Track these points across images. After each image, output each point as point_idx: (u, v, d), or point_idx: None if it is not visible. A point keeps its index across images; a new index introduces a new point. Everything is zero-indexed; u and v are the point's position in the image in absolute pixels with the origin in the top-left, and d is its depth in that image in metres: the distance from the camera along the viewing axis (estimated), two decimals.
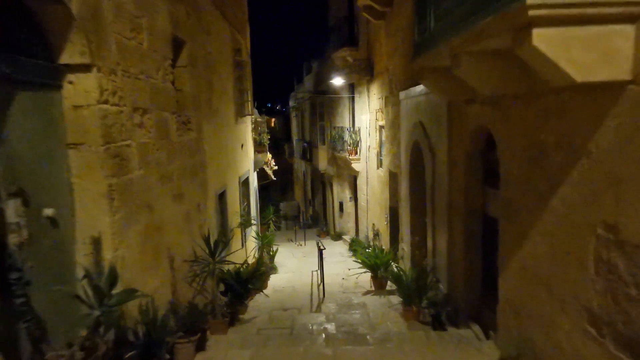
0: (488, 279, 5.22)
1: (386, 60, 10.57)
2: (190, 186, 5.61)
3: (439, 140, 5.96)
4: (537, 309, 3.56)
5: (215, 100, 7.19)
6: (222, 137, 7.66)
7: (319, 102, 19.77)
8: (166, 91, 4.84)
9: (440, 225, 6.11)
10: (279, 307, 7.22)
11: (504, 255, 4.21)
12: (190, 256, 5.45)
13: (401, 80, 8.80)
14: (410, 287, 6.10)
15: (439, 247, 6.18)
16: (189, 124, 5.69)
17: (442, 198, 5.97)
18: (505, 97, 3.93)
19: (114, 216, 3.49)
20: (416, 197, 7.78)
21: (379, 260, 8.48)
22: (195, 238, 5.67)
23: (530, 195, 3.59)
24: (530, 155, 3.58)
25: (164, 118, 4.76)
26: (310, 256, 13.72)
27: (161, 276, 4.46)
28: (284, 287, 9.31)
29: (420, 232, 7.75)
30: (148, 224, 4.16)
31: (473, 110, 4.87)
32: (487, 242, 5.21)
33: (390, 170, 10.37)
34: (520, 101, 3.70)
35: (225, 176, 7.71)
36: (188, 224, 5.46)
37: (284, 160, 29.79)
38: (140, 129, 4.09)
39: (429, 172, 6.52)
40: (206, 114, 6.58)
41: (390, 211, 10.59)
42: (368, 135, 13.35)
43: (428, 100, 6.53)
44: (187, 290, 5.33)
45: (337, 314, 6.61)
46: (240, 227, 8.44)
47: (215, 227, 6.75)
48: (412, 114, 7.57)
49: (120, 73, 3.68)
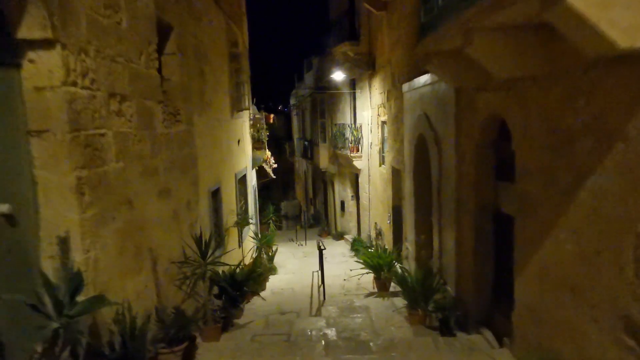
0: (500, 281, 4.82)
1: (388, 53, 10.18)
2: (179, 182, 5.23)
3: (446, 132, 5.56)
4: (561, 316, 3.16)
5: (209, 92, 6.81)
6: (216, 131, 7.28)
7: (319, 99, 19.39)
8: (150, 78, 4.45)
9: (447, 223, 5.71)
10: (277, 310, 6.83)
11: (521, 255, 3.81)
12: (179, 257, 5.07)
13: (404, 73, 8.40)
14: (415, 289, 5.71)
15: (446, 246, 5.78)
16: (178, 115, 5.31)
17: (449, 194, 5.57)
18: (523, 80, 3.53)
19: (85, 213, 3.10)
20: (421, 194, 7.39)
21: (381, 260, 8.10)
22: (185, 238, 5.29)
23: (553, 188, 3.19)
24: (552, 143, 3.18)
25: (148, 107, 4.38)
26: (311, 256, 13.33)
27: (144, 280, 4.07)
28: (283, 289, 8.93)
29: (425, 230, 7.35)
30: (128, 222, 3.78)
31: (484, 97, 4.47)
32: (499, 241, 4.81)
33: (393, 167, 9.97)
34: (540, 83, 3.30)
35: (220, 172, 7.33)
36: (177, 223, 5.08)
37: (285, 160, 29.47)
38: (118, 117, 3.71)
39: (434, 166, 6.12)
40: (198, 106, 6.19)
41: (393, 209, 10.20)
42: (370, 131, 12.97)
43: (433, 90, 6.13)
44: (176, 294, 4.95)
45: (338, 317, 6.22)
46: (236, 227, 8.05)
47: (208, 226, 6.37)
48: (416, 107, 7.17)
49: (93, 53, 3.30)
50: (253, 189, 11.39)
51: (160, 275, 4.45)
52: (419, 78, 6.91)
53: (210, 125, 6.89)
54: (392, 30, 9.47)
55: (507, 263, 4.65)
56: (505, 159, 4.56)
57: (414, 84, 7.22)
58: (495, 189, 4.79)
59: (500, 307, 4.81)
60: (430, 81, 6.28)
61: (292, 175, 31.70)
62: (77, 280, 2.56)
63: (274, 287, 9.29)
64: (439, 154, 5.89)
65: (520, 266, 3.82)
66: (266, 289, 9.07)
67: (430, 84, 6.26)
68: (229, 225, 7.71)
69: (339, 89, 15.88)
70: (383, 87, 10.96)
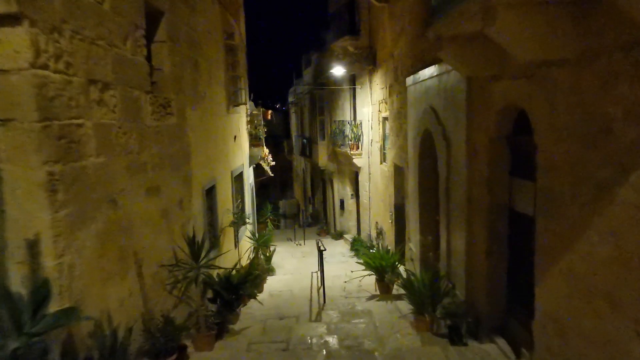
0: (515, 285, 4.48)
1: (390, 46, 9.82)
2: (170, 179, 4.87)
3: (456, 126, 5.22)
4: (594, 328, 2.82)
5: (203, 84, 6.45)
6: (211, 126, 6.92)
7: (318, 96, 19.01)
8: (137, 66, 4.09)
9: (456, 223, 5.37)
10: (275, 314, 6.48)
11: (543, 259, 3.47)
12: (170, 260, 4.72)
13: (407, 66, 8.05)
14: (422, 293, 5.36)
15: (455, 248, 5.44)
16: (169, 107, 4.94)
17: (459, 192, 5.22)
18: (549, 64, 3.18)
19: (58, 213, 2.75)
20: (426, 192, 7.04)
21: (384, 261, 7.75)
22: (177, 239, 4.93)
23: (585, 185, 2.85)
24: (584, 134, 2.84)
25: (135, 97, 4.01)
26: (309, 256, 13.00)
27: (129, 285, 3.71)
28: (282, 291, 8.57)
29: (430, 231, 7.00)
30: (110, 223, 3.42)
31: (500, 87, 4.12)
32: (515, 243, 4.47)
33: (395, 164, 9.63)
34: (571, 67, 2.95)
35: (215, 169, 6.97)
36: (167, 223, 4.72)
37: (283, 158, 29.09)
38: (100, 107, 3.35)
39: (442, 163, 5.77)
40: (191, 99, 5.83)
41: (395, 208, 9.86)
42: (370, 128, 12.62)
43: (441, 82, 5.78)
44: (166, 300, 4.59)
45: (340, 323, 5.87)
46: (232, 226, 7.69)
47: (201, 226, 6.01)
48: (421, 100, 6.82)
49: (69, 34, 2.94)
50: (250, 187, 11.02)
51: (147, 280, 4.09)
52: (425, 70, 6.57)
53: (205, 120, 6.52)
54: (395, 21, 9.11)
55: (522, 266, 4.31)
56: (521, 154, 4.22)
57: (419, 77, 6.87)
58: (510, 187, 4.44)
59: (515, 314, 4.47)
60: (437, 72, 5.94)
61: (290, 173, 31.33)
62: (43, 291, 2.20)
63: (272, 288, 8.94)
64: (447, 150, 5.55)
65: (543, 271, 3.47)
66: (264, 291, 8.72)
67: (438, 76, 5.91)
68: (224, 225, 7.35)
69: (339, 85, 15.51)
70: (384, 82, 10.61)
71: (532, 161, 3.88)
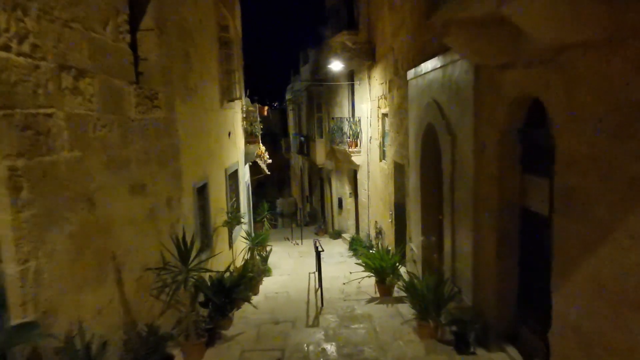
0: (527, 289, 4.19)
1: (390, 39, 9.51)
2: (157, 176, 4.55)
3: (462, 119, 4.91)
4: (622, 341, 2.53)
5: (194, 77, 6.12)
6: (203, 121, 6.60)
7: (316, 93, 18.70)
8: (119, 53, 3.77)
9: (462, 223, 5.07)
10: (270, 319, 6.17)
11: (562, 263, 3.17)
12: (157, 263, 4.40)
13: (408, 59, 7.74)
14: (426, 297, 5.06)
15: (461, 249, 5.14)
16: (156, 100, 4.62)
17: (465, 190, 4.92)
18: (571, 48, 2.88)
19: (21, 213, 2.43)
20: (429, 190, 6.74)
21: (384, 262, 7.45)
22: (164, 240, 4.62)
23: (614, 181, 2.55)
24: (613, 125, 2.54)
25: (116, 87, 3.69)
26: (307, 256, 12.70)
27: (109, 292, 3.40)
28: (278, 293, 8.26)
29: (433, 231, 6.72)
30: (87, 224, 3.11)
31: (512, 76, 3.82)
32: (527, 244, 4.17)
33: (395, 161, 9.33)
34: (597, 50, 2.65)
35: (207, 167, 6.65)
36: (154, 223, 4.40)
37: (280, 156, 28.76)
38: (74, 96, 3.03)
39: (446, 159, 5.47)
40: (181, 92, 5.51)
41: (395, 207, 9.57)
42: (369, 125, 12.32)
43: (445, 74, 5.48)
44: (153, 306, 4.28)
45: (338, 328, 5.57)
46: (226, 226, 7.38)
47: (192, 227, 5.69)
48: (423, 94, 6.52)
49: (35, 13, 2.62)
50: (246, 185, 10.71)
51: (131, 285, 3.78)
52: (427, 62, 6.26)
53: (196, 114, 6.20)
54: (395, 13, 8.80)
55: (535, 269, 4.02)
56: (534, 148, 3.93)
57: (421, 70, 6.56)
58: (521, 184, 4.15)
59: (527, 321, 4.18)
60: (441, 64, 5.63)
61: (287, 172, 31.03)
62: None
63: (268, 290, 8.64)
64: (452, 145, 5.25)
65: (562, 276, 3.18)
66: (259, 293, 8.41)
67: (442, 67, 5.60)
68: (217, 225, 7.04)
69: (337, 81, 15.21)
70: (384, 77, 10.30)
71: (547, 156, 3.60)
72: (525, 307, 4.23)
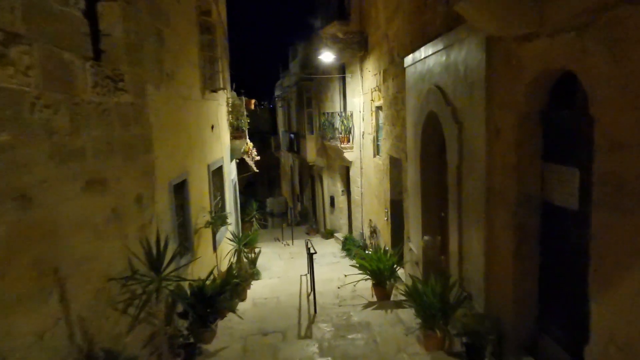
0: (549, 293, 3.66)
1: (384, 26, 8.96)
2: (123, 170, 3.93)
3: (471, 104, 4.36)
4: None
5: (169, 61, 5.49)
6: (182, 111, 5.97)
7: (306, 88, 18.10)
8: (69, 21, 3.14)
9: (471, 220, 4.52)
10: (258, 329, 5.58)
11: (606, 266, 2.63)
12: (123, 272, 3.78)
13: (406, 44, 7.20)
14: (432, 304, 4.52)
15: (471, 249, 4.59)
16: (121, 82, 4.00)
17: (475, 183, 4.37)
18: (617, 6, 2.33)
19: None
20: (430, 185, 6.20)
21: (382, 264, 6.91)
22: (133, 245, 4.00)
23: None
24: None
25: (65, 61, 3.07)
26: (298, 257, 12.12)
27: (54, 311, 2.78)
28: (267, 299, 7.67)
29: (435, 229, 6.17)
30: (20, 227, 2.49)
31: (535, 48, 3.27)
32: (548, 242, 3.64)
33: (391, 156, 8.78)
34: None
35: (187, 161, 6.02)
36: (118, 225, 3.78)
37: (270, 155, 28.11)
38: (1, 67, 2.40)
39: (452, 149, 4.92)
40: (154, 76, 4.88)
41: (391, 205, 9.02)
42: (362, 120, 11.76)
43: (450, 55, 4.93)
44: (118, 321, 3.66)
45: (334, 340, 5.00)
46: (209, 227, 6.76)
47: (169, 228, 5.07)
48: (423, 80, 5.96)
49: None
50: (232, 183, 10.08)
51: (86, 299, 3.16)
52: (427, 46, 5.71)
53: (174, 103, 5.57)
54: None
55: (559, 270, 3.49)
56: (559, 133, 3.39)
57: (421, 54, 6.01)
58: (542, 175, 3.61)
59: (549, 329, 3.65)
60: (444, 45, 5.08)
61: (278, 171, 30.38)
62: None
63: (257, 295, 8.04)
64: (459, 134, 4.70)
65: (604, 283, 2.63)
66: (247, 299, 7.81)
67: (445, 49, 5.05)
68: (199, 226, 6.42)
69: (328, 75, 14.63)
70: (378, 68, 9.75)
71: (577, 141, 3.07)
72: (547, 313, 3.69)
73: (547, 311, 3.71)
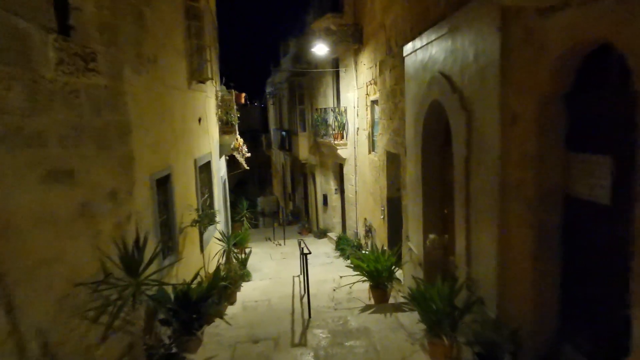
0: (573, 297, 3.29)
1: (381, 15, 8.58)
2: (95, 160, 3.48)
3: (482, 88, 3.98)
4: None
5: (151, 45, 5.04)
6: (166, 100, 5.52)
7: (298, 84, 17.67)
8: None
9: (482, 217, 4.15)
10: (248, 336, 5.15)
11: None
12: (94, 274, 3.34)
13: (405, 32, 6.82)
14: (439, 309, 4.13)
15: (480, 248, 4.21)
16: (93, 62, 3.55)
17: (487, 176, 3.99)
18: None
19: None
20: (432, 180, 5.83)
21: (380, 265, 6.52)
22: (107, 244, 3.55)
23: None
24: None
25: (21, 31, 2.62)
26: (290, 257, 11.71)
27: (5, 323, 2.33)
28: (258, 302, 7.25)
29: (437, 227, 5.80)
30: None
31: (561, 21, 2.89)
32: (572, 241, 3.27)
33: (388, 151, 8.40)
34: None
35: (171, 155, 5.57)
36: (88, 222, 3.33)
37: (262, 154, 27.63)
38: None
39: (459, 141, 4.54)
40: (133, 59, 4.43)
41: (388, 202, 8.64)
42: (356, 115, 11.38)
43: (456, 38, 4.55)
44: (89, 332, 3.22)
45: (330, 348, 4.60)
46: (196, 226, 6.31)
47: (151, 227, 4.63)
48: (425, 68, 5.58)
49: None
50: (221, 180, 9.62)
51: (48, 309, 2.71)
52: (430, 31, 5.33)
53: (155, 91, 5.12)
54: None
55: (584, 272, 3.13)
56: (588, 118, 3.02)
57: (423, 41, 5.63)
58: (567, 165, 3.24)
59: (572, 337, 3.28)
60: (449, 29, 4.71)
61: (269, 170, 29.92)
62: None
63: (247, 298, 7.61)
64: (467, 123, 4.31)
65: None
66: (237, 302, 7.39)
67: (451, 32, 4.67)
68: (185, 224, 5.97)
69: (321, 69, 14.22)
70: (373, 60, 9.37)
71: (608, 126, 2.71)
72: (570, 319, 3.33)
73: (570, 319, 3.34)
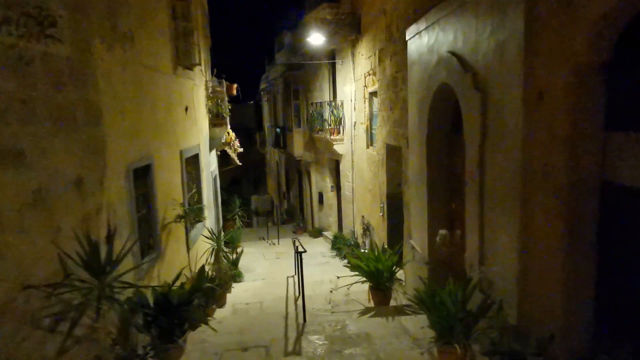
0: (611, 301, 2.83)
1: (380, 1, 8.11)
2: (53, 142, 2.97)
3: (501, 65, 3.51)
4: None
5: (128, 19, 4.53)
6: (147, 83, 5.01)
7: (293, 79, 17.18)
8: None
9: (499, 210, 3.68)
10: (237, 343, 4.66)
11: None
12: (51, 276, 2.83)
13: (408, 14, 6.36)
14: (451, 313, 3.66)
15: (496, 245, 3.75)
16: (52, 27, 3.04)
17: (505, 163, 3.53)
18: None
19: None
20: (438, 171, 5.36)
21: (381, 264, 6.05)
22: (66, 241, 3.04)
23: None
24: None
25: None
26: (284, 257, 11.22)
27: None
28: (249, 304, 6.76)
29: (444, 223, 5.34)
30: None
31: None
32: (610, 234, 2.81)
33: (388, 144, 7.94)
34: None
35: (152, 143, 5.06)
36: (43, 214, 2.82)
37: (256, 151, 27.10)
38: None
39: (472, 125, 4.07)
40: (105, 32, 3.92)
41: (388, 199, 8.18)
42: (354, 109, 10.91)
43: (467, 13, 4.08)
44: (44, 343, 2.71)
45: (328, 356, 4.12)
46: (181, 222, 5.80)
47: (127, 222, 4.12)
48: (431, 51, 5.11)
49: None
50: (211, 175, 9.11)
51: None
52: (436, 9, 4.88)
53: (133, 71, 4.61)
54: None
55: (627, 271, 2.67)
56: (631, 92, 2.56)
57: (427, 21, 5.16)
58: (604, 147, 2.78)
59: (610, 348, 2.82)
60: (458, 3, 4.24)
61: (263, 168, 29.38)
62: None
63: (238, 300, 7.12)
64: (482, 105, 3.84)
65: None
66: (226, 304, 6.90)
67: (460, 7, 4.21)
68: (168, 220, 5.46)
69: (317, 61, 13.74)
70: (372, 49, 8.90)
71: None
72: (608, 327, 2.87)
73: (608, 326, 2.88)
